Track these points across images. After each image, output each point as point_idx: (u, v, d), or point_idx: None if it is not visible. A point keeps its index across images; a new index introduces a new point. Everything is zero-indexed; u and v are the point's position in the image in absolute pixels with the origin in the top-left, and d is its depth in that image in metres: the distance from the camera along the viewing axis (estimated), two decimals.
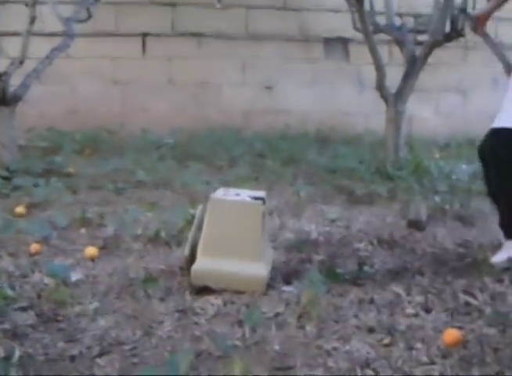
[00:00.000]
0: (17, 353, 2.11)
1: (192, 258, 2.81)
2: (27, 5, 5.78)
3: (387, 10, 6.71)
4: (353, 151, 6.79)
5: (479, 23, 3.51)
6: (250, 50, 8.44)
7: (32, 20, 5.54)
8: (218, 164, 5.96)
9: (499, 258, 3.10)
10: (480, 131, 3.45)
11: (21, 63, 5.46)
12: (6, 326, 2.33)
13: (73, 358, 2.12)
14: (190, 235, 2.89)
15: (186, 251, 2.85)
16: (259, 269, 2.75)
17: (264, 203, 2.83)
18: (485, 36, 4.00)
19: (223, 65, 8.41)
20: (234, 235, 2.78)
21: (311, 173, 5.67)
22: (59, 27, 6.18)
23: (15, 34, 6.85)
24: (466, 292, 2.74)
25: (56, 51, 5.83)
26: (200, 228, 2.85)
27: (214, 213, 2.83)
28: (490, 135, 3.12)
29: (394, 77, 6.32)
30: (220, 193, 2.92)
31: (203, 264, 2.78)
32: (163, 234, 3.52)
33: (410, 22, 6.68)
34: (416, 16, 7.85)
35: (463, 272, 3.01)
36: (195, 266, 2.78)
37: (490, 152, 3.08)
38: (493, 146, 3.07)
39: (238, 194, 2.89)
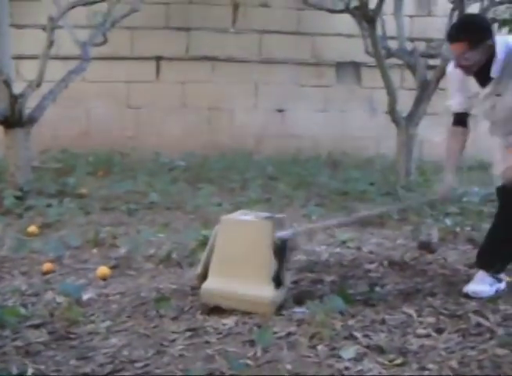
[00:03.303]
0: (30, 370, 2.12)
1: (204, 277, 2.82)
2: (44, 29, 5.86)
3: (398, 35, 6.76)
4: (364, 174, 6.80)
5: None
6: (262, 74, 8.52)
7: (50, 44, 5.62)
8: (229, 187, 5.99)
9: (479, 288, 3.02)
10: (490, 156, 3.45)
11: (38, 85, 5.52)
12: (19, 343, 2.34)
13: (86, 375, 2.13)
14: (204, 254, 2.90)
15: (199, 269, 2.86)
16: (267, 292, 2.74)
17: (279, 223, 2.84)
18: None
19: (236, 89, 8.49)
20: (244, 255, 2.77)
21: (323, 196, 5.69)
22: (73, 50, 6.27)
23: (31, 57, 6.96)
24: (478, 313, 2.73)
25: (73, 74, 5.90)
26: (213, 248, 2.86)
27: (225, 233, 2.83)
28: None
29: (405, 101, 6.37)
30: (236, 215, 2.94)
31: (213, 283, 2.78)
32: (175, 255, 3.53)
33: (422, 46, 6.72)
34: (428, 41, 7.90)
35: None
36: (205, 285, 2.79)
37: None
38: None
39: (254, 216, 2.90)
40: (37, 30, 7.31)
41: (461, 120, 3.13)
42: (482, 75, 2.86)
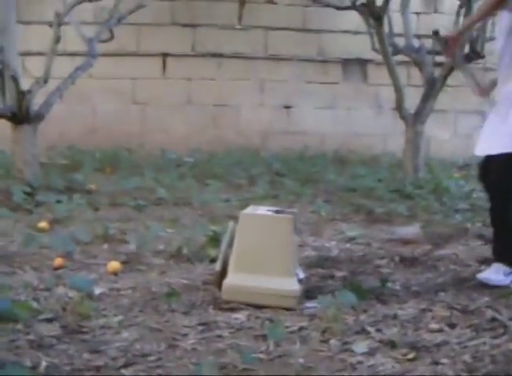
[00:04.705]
0: (43, 363, 2.12)
1: (223, 273, 2.82)
2: (50, 25, 5.87)
3: (405, 31, 6.75)
4: (371, 171, 6.80)
5: (448, 44, 3.43)
6: (268, 71, 8.51)
7: (57, 40, 5.63)
8: (237, 183, 6.00)
9: (492, 276, 3.07)
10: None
11: (45, 82, 5.54)
12: (32, 337, 2.34)
13: (98, 369, 2.12)
14: (221, 251, 2.89)
15: (218, 266, 2.85)
16: (291, 285, 2.74)
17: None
18: (454, 58, 3.77)
19: (242, 86, 8.48)
20: (265, 249, 2.77)
21: (330, 192, 5.69)
22: (80, 46, 6.28)
23: (38, 53, 6.97)
24: (491, 308, 2.72)
25: (79, 70, 5.91)
26: (230, 244, 2.86)
27: (245, 228, 2.83)
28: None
29: (412, 98, 6.35)
30: (250, 210, 2.94)
31: (235, 279, 2.78)
32: (185, 250, 3.53)
33: (428, 43, 6.70)
34: None
35: (486, 290, 2.99)
36: (226, 281, 2.78)
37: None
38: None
39: (268, 211, 2.90)
40: (44, 26, 7.32)
41: None
42: None
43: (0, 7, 5.43)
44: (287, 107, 8.63)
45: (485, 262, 3.29)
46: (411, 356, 2.26)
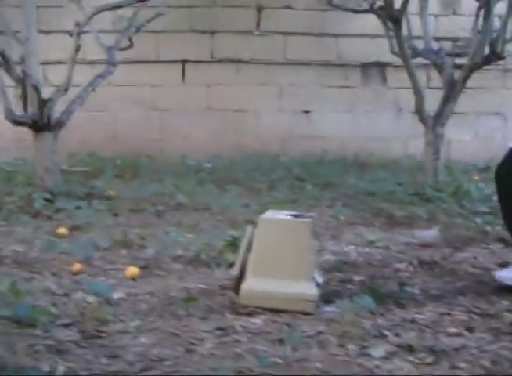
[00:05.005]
0: (61, 368, 2.13)
1: (241, 278, 2.82)
2: (70, 34, 5.92)
3: (424, 34, 6.73)
4: (391, 175, 6.77)
5: None
6: (287, 76, 8.51)
7: (77, 49, 5.66)
8: (256, 188, 6.00)
9: (509, 275, 3.05)
10: None
11: (66, 90, 5.58)
12: (50, 342, 2.36)
13: (115, 374, 2.13)
14: (239, 255, 2.90)
15: (235, 270, 2.86)
16: (309, 289, 2.74)
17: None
18: None
19: (261, 91, 8.49)
20: (283, 254, 2.77)
21: (350, 196, 5.67)
22: (99, 54, 6.33)
23: (58, 62, 7.04)
24: (510, 312, 2.70)
25: (100, 78, 5.95)
26: (249, 248, 2.86)
27: (264, 232, 2.83)
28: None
29: (432, 100, 6.31)
30: (269, 214, 2.94)
31: (253, 284, 2.78)
32: (203, 255, 3.54)
33: (448, 45, 6.66)
34: (454, 40, 7.84)
35: (506, 294, 2.96)
36: (244, 286, 2.78)
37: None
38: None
39: (287, 215, 2.90)
40: (64, 35, 7.39)
41: None
42: None
43: (21, 18, 5.50)
44: (306, 112, 8.62)
45: (506, 265, 3.25)
46: (429, 360, 2.24)
